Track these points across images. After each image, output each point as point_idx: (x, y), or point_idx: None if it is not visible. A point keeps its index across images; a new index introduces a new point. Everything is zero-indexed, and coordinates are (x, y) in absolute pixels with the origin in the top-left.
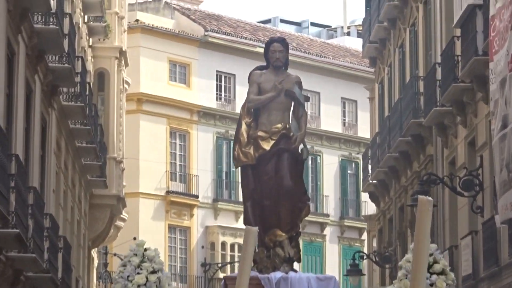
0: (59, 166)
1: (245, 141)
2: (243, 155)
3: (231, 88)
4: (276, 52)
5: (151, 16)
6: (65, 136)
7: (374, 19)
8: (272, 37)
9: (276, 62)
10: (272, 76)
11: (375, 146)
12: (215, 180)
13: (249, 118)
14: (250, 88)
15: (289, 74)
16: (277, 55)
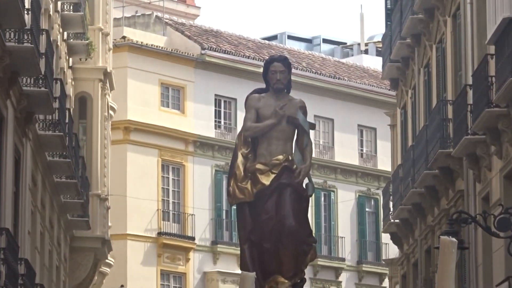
0: (35, 204)
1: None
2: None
3: (231, 115)
4: (277, 72)
5: (140, 32)
6: (41, 170)
7: (396, 35)
8: (272, 55)
9: (277, 84)
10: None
11: (397, 180)
12: (214, 220)
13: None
14: (247, 114)
15: (291, 98)
16: (278, 76)
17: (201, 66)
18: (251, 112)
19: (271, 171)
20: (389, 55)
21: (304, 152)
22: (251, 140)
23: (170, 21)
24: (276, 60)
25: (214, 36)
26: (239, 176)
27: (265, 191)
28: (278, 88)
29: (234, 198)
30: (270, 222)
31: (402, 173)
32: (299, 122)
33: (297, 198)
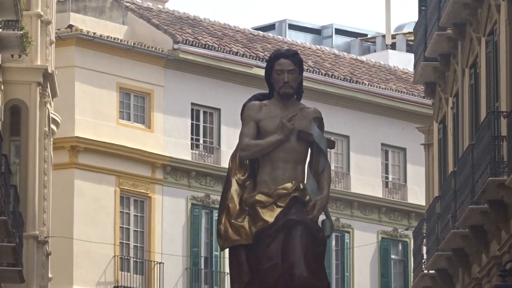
0: None
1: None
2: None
3: (213, 130)
4: (284, 72)
5: (91, 20)
6: None
7: (433, 25)
8: (277, 50)
9: (284, 88)
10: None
11: (433, 218)
12: (189, 270)
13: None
14: (245, 128)
15: (304, 107)
16: (286, 77)
17: (174, 65)
18: (249, 125)
19: (276, 203)
20: (424, 51)
21: (321, 178)
22: (250, 163)
23: (132, 5)
24: (283, 56)
25: (191, 25)
26: (234, 211)
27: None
28: (286, 93)
29: (226, 239)
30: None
31: (439, 209)
32: (314, 139)
33: (311, 240)
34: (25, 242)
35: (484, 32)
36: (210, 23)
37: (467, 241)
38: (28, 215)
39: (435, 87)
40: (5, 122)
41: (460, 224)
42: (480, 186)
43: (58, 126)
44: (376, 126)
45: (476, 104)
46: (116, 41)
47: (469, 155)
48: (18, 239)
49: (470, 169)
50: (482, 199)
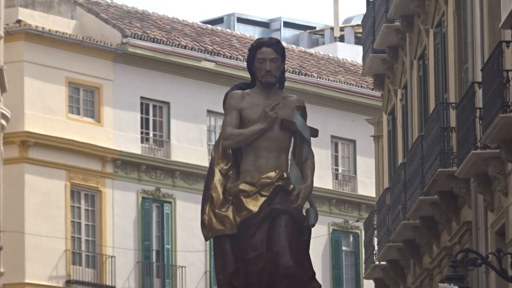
0: None
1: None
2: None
3: (163, 124)
4: (266, 61)
5: (40, 14)
6: None
7: (381, 17)
8: (260, 38)
9: (267, 77)
10: (261, 99)
11: (383, 210)
12: (141, 264)
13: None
14: (227, 117)
15: (286, 95)
16: (268, 65)
17: (122, 59)
18: (232, 114)
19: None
20: (372, 44)
21: (304, 167)
22: (233, 152)
23: (81, 0)
24: (265, 45)
25: (140, 19)
26: (217, 201)
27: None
28: (268, 82)
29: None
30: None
31: (390, 200)
32: (297, 128)
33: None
34: None
35: (432, 23)
36: (158, 17)
37: (417, 232)
38: None
39: (383, 79)
40: None
41: (411, 215)
42: (430, 177)
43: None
44: (325, 119)
45: (425, 95)
46: (65, 35)
47: (419, 147)
48: None
49: (420, 160)
50: (432, 190)
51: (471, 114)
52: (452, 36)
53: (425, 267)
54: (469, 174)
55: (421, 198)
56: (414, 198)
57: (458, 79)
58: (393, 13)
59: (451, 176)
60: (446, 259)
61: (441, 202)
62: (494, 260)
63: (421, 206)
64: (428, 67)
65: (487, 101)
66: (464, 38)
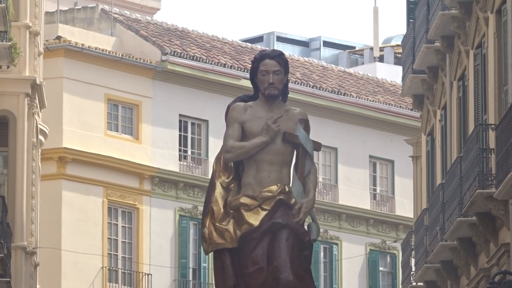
0: None
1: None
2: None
3: (201, 142)
4: (269, 73)
5: (80, 31)
6: None
7: (421, 37)
8: (263, 50)
9: (269, 90)
10: (263, 111)
11: (421, 230)
12: (178, 282)
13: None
14: (229, 129)
15: (289, 108)
16: (271, 78)
17: (162, 77)
18: (234, 127)
19: (261, 206)
20: (412, 64)
21: (306, 181)
22: (234, 165)
23: (121, 17)
24: (268, 57)
25: (179, 37)
26: (218, 214)
27: (253, 234)
28: (271, 95)
29: (211, 243)
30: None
31: (427, 221)
32: (300, 141)
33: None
34: (13, 253)
35: (472, 45)
36: (198, 35)
37: (455, 253)
38: (16, 225)
39: (423, 99)
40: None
41: (449, 236)
42: (468, 198)
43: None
44: (364, 138)
45: (464, 116)
46: (104, 52)
47: (457, 168)
48: (6, 250)
49: (458, 182)
50: (470, 212)
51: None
52: (492, 57)
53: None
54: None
55: (459, 219)
56: (452, 219)
57: (497, 101)
58: (433, 33)
59: (489, 197)
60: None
61: (479, 224)
62: None
63: (459, 227)
64: (468, 88)
65: None
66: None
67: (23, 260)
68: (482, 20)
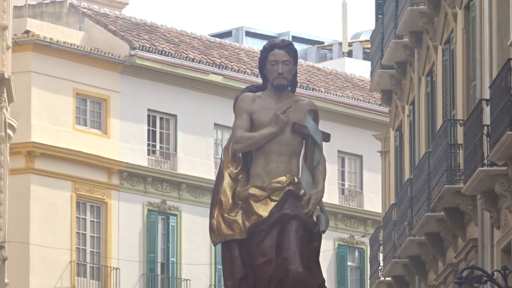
0: None
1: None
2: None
3: (170, 136)
4: (278, 63)
5: (48, 25)
6: None
7: (389, 33)
8: (272, 40)
9: (278, 80)
10: (272, 102)
11: (389, 225)
12: (146, 276)
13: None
14: (238, 120)
15: (298, 99)
16: (280, 68)
17: (130, 71)
18: (242, 117)
19: (270, 197)
20: (380, 59)
21: (315, 172)
22: (243, 156)
23: (89, 11)
24: (277, 46)
25: (148, 31)
26: (226, 205)
27: (261, 226)
28: (280, 85)
29: (219, 234)
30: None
31: (396, 216)
32: (309, 132)
33: (306, 235)
34: None
35: (440, 40)
36: (167, 30)
37: (423, 249)
38: None
39: (391, 94)
40: None
41: (417, 232)
42: (436, 193)
43: (15, 131)
44: (332, 134)
45: (432, 112)
46: (73, 46)
47: (426, 163)
48: None
49: (426, 177)
50: (438, 207)
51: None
52: (460, 53)
53: (430, 283)
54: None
55: (427, 214)
56: (420, 214)
57: (466, 96)
58: (402, 29)
59: (457, 192)
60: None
61: (447, 219)
62: (499, 277)
63: (427, 223)
64: (436, 83)
65: (495, 118)
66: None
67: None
68: (451, 16)
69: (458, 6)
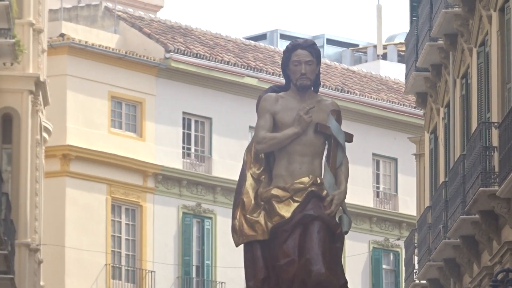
0: None
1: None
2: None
3: (205, 139)
4: (302, 64)
5: (83, 28)
6: None
7: (424, 35)
8: (295, 40)
9: (301, 80)
10: (295, 102)
11: (424, 228)
12: (181, 279)
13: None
14: (261, 120)
15: (321, 99)
16: (303, 68)
17: (165, 74)
18: (265, 118)
19: (293, 198)
20: (415, 62)
21: (338, 173)
22: (265, 157)
23: (124, 15)
24: (300, 47)
25: (183, 34)
26: (249, 206)
27: (284, 226)
28: (303, 85)
29: (241, 235)
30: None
31: (431, 219)
32: (332, 132)
33: (328, 236)
34: (17, 249)
35: (475, 43)
36: (201, 33)
37: (458, 251)
38: (20, 222)
39: (426, 97)
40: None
41: (452, 234)
42: (471, 196)
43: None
44: (367, 136)
45: (467, 114)
46: (108, 49)
47: (460, 166)
48: (10, 246)
49: (461, 180)
50: (473, 210)
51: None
52: (495, 55)
53: (465, 286)
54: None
55: (462, 217)
56: (455, 217)
57: (501, 99)
58: (436, 31)
59: (492, 195)
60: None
61: (482, 222)
62: None
63: (462, 225)
64: (471, 86)
65: None
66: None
67: (26, 257)
68: (485, 18)
69: (493, 8)
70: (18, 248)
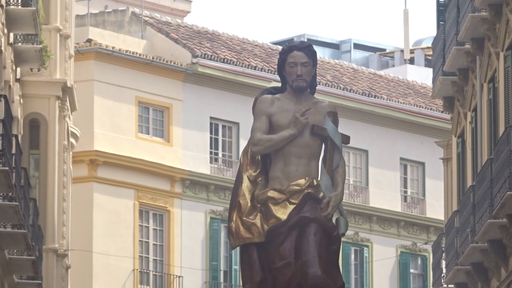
0: None
1: (248, 206)
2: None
3: (232, 144)
4: (297, 65)
5: (110, 34)
6: None
7: (451, 39)
8: (291, 43)
9: (297, 82)
10: (291, 104)
11: (452, 232)
12: (209, 284)
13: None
14: (256, 122)
15: (317, 101)
16: (299, 70)
17: (192, 79)
18: (261, 119)
19: (289, 200)
20: (442, 66)
21: (335, 175)
22: (262, 159)
23: (151, 20)
24: (296, 48)
25: (210, 39)
26: (245, 208)
27: (280, 229)
28: (299, 87)
29: (238, 237)
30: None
31: (458, 223)
32: (328, 134)
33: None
34: (44, 255)
35: (502, 46)
36: (228, 38)
37: (486, 255)
38: (48, 228)
39: (453, 101)
40: (25, 135)
41: (479, 238)
42: (499, 200)
43: (77, 140)
44: (394, 141)
45: (494, 118)
46: (135, 55)
47: (488, 169)
48: (37, 252)
49: (489, 183)
50: (501, 213)
51: None
52: None
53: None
54: None
55: (490, 221)
56: (482, 221)
57: None
58: (463, 35)
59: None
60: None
61: (510, 226)
62: None
63: (490, 229)
64: (498, 90)
65: None
66: None
67: (54, 262)
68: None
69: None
70: (46, 253)
